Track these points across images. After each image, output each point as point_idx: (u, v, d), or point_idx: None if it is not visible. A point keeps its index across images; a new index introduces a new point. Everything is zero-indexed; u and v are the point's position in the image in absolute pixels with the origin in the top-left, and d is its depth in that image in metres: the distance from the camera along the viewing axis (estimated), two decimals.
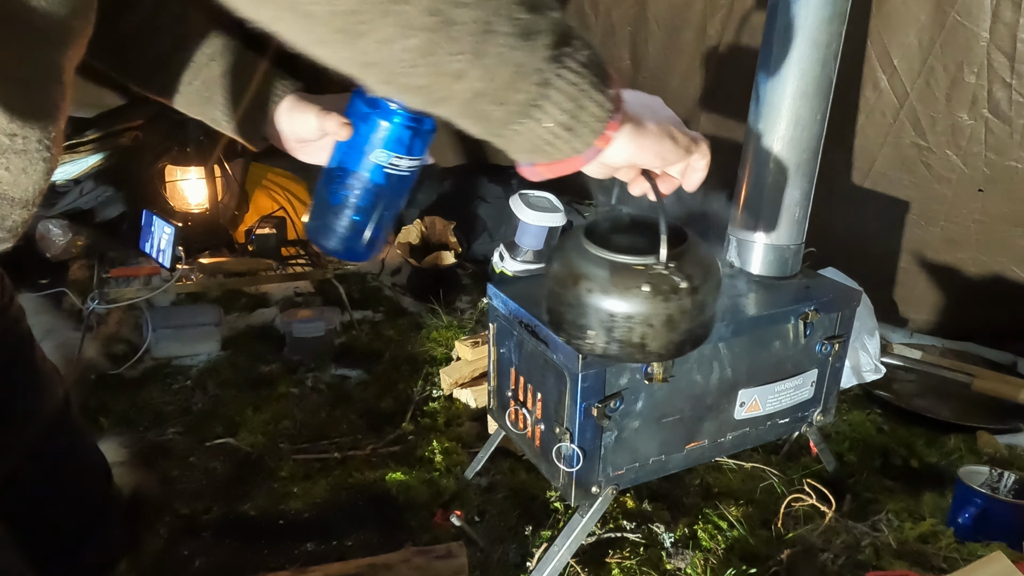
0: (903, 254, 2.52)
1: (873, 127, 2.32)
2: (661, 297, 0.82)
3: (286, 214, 3.05)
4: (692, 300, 0.83)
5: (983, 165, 2.17)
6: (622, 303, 0.83)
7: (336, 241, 0.87)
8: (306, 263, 2.68)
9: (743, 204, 1.70)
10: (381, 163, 0.83)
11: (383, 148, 0.83)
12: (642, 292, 0.82)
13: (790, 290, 1.66)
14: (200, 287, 2.54)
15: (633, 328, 0.83)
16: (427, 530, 1.69)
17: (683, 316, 0.83)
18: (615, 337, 0.84)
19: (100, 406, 2.14)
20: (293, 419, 2.14)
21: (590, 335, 0.86)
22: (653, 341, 0.84)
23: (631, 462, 1.47)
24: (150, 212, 2.58)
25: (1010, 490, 1.67)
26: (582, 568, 1.56)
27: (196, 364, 2.43)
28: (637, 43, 2.74)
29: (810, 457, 1.94)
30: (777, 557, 1.55)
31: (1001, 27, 1.95)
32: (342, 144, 0.85)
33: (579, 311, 0.86)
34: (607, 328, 0.85)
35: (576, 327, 0.87)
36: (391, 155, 0.83)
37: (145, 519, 1.52)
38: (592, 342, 0.86)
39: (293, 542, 1.68)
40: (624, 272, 0.84)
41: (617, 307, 0.83)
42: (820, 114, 1.61)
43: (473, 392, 2.15)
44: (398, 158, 0.84)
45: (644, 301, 0.82)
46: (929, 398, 2.29)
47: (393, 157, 0.84)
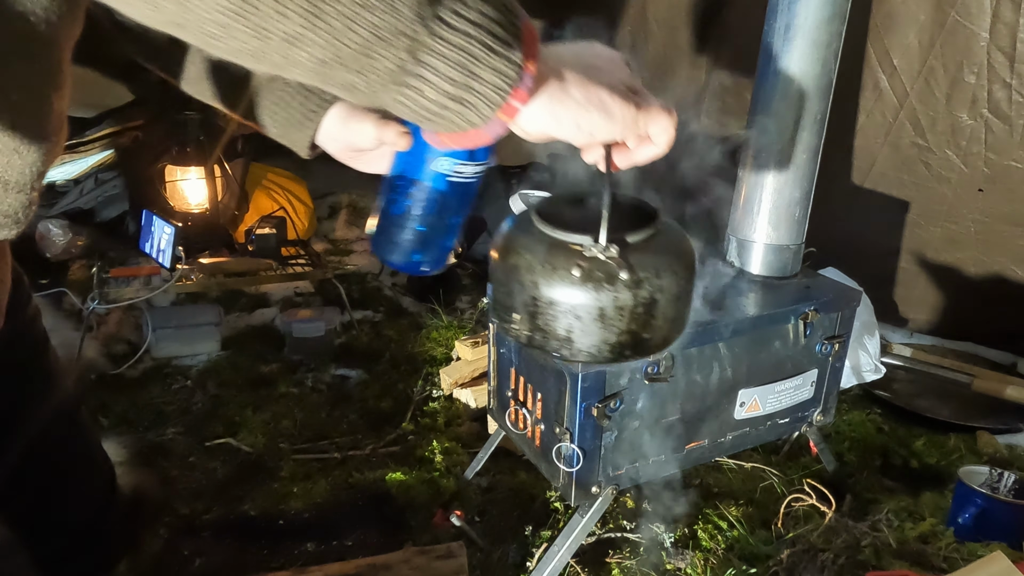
0: (903, 254, 2.52)
1: (873, 127, 2.32)
2: (592, 285, 0.69)
3: (286, 214, 3.05)
4: (634, 296, 0.70)
5: (983, 165, 2.17)
6: (547, 286, 0.71)
7: (400, 255, 0.83)
8: (306, 263, 2.68)
9: (743, 204, 1.70)
10: (444, 171, 0.78)
11: (445, 155, 0.78)
12: (570, 276, 0.70)
13: (790, 290, 1.66)
14: (200, 287, 2.54)
15: (557, 317, 0.72)
16: (427, 530, 1.69)
17: (619, 314, 0.70)
18: (539, 325, 0.73)
19: (100, 406, 2.14)
20: (293, 419, 2.14)
21: (515, 319, 0.75)
22: (581, 337, 0.72)
23: (631, 462, 1.47)
24: (150, 212, 2.58)
25: (1010, 490, 1.67)
26: (582, 568, 1.56)
27: (196, 364, 2.43)
28: (637, 43, 2.74)
29: (810, 457, 1.94)
30: (777, 557, 1.55)
31: (1001, 27, 1.95)
32: (403, 153, 0.80)
33: (507, 290, 0.75)
34: (531, 313, 0.73)
35: (503, 308, 0.77)
36: (455, 162, 0.78)
37: (145, 519, 1.52)
38: (518, 327, 0.75)
39: (293, 542, 1.68)
40: (557, 251, 0.72)
41: (542, 290, 0.71)
42: (820, 114, 1.61)
43: (473, 392, 2.15)
44: (462, 165, 0.79)
45: (571, 287, 0.70)
46: (929, 398, 2.29)
47: (457, 164, 0.78)
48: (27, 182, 0.66)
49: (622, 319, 0.71)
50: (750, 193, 1.68)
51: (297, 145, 0.85)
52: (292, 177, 3.37)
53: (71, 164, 2.88)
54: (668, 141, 0.65)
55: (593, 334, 0.72)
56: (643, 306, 0.71)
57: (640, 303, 0.71)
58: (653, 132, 0.64)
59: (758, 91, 1.63)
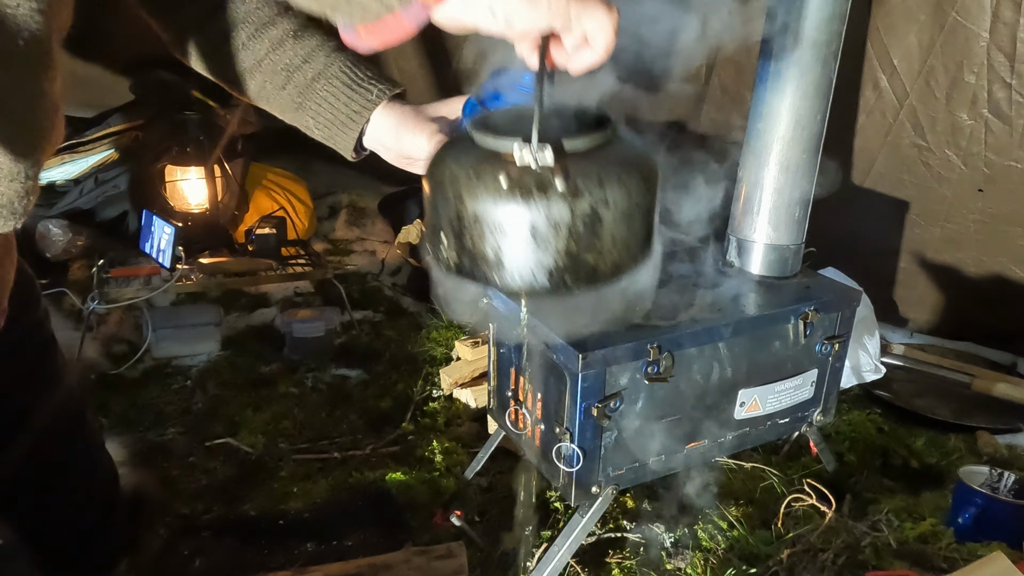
0: (903, 254, 2.52)
1: (873, 127, 2.32)
2: (521, 195, 0.60)
3: (286, 214, 3.05)
4: (571, 209, 0.60)
5: (983, 165, 2.17)
6: (471, 198, 0.62)
7: None
8: (306, 263, 2.68)
9: (743, 204, 1.70)
10: None
11: None
12: (495, 185, 0.61)
13: (790, 290, 1.66)
14: (200, 287, 2.54)
15: (484, 235, 0.62)
16: (427, 530, 1.69)
17: (554, 230, 0.60)
18: (465, 246, 0.64)
19: (100, 406, 2.14)
20: (293, 419, 2.14)
21: (443, 241, 0.66)
22: (512, 259, 0.62)
23: (631, 462, 1.47)
24: (150, 212, 2.58)
25: (1010, 490, 1.67)
26: (582, 568, 1.56)
27: (196, 364, 2.42)
28: None
29: (810, 457, 1.94)
30: (777, 557, 1.55)
31: (1001, 27, 1.94)
32: None
33: (433, 208, 0.67)
34: (457, 233, 0.64)
35: (432, 230, 0.68)
36: None
37: (145, 519, 1.52)
38: (445, 252, 0.67)
39: (293, 542, 1.68)
40: (485, 159, 0.63)
41: (466, 203, 0.62)
42: (820, 114, 1.61)
43: (473, 392, 2.15)
44: None
45: (497, 197, 0.61)
46: (929, 398, 2.29)
47: None
48: (20, 170, 0.64)
49: (557, 237, 0.61)
50: (750, 193, 1.68)
51: (342, 147, 0.84)
52: (292, 177, 3.37)
53: (71, 164, 2.88)
54: (607, 44, 0.59)
55: (525, 255, 0.62)
56: (583, 222, 0.61)
57: (580, 218, 0.61)
58: (589, 29, 0.58)
59: (758, 91, 1.63)
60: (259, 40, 0.82)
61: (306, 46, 0.82)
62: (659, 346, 1.37)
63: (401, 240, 3.06)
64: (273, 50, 0.82)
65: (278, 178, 3.28)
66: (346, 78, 0.81)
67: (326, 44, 0.83)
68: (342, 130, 0.83)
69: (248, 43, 0.82)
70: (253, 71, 0.83)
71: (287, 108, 0.84)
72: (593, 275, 0.64)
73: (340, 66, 0.82)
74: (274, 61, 0.82)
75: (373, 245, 3.45)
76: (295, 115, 0.85)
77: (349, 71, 0.82)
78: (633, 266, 0.67)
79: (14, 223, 0.68)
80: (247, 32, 0.82)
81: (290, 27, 0.82)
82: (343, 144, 0.84)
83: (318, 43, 0.82)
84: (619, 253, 0.64)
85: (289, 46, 0.82)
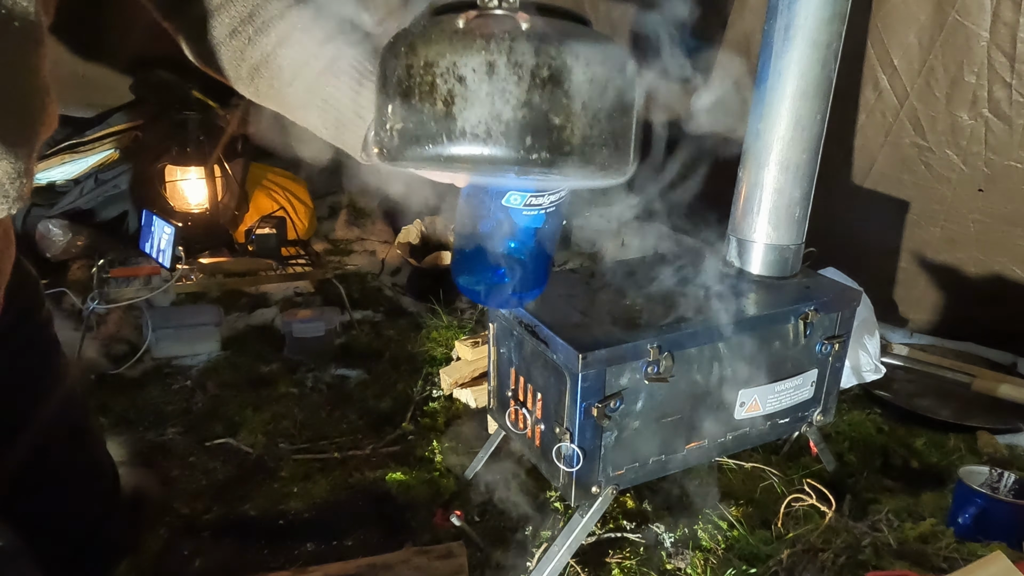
0: (903, 254, 2.52)
1: (873, 127, 2.32)
2: (480, 34, 0.53)
3: (286, 214, 3.05)
4: (538, 52, 0.53)
5: (983, 165, 2.17)
6: (423, 46, 0.55)
7: (484, 294, 0.77)
8: (306, 263, 2.68)
9: (743, 204, 1.70)
10: (515, 206, 0.70)
11: (513, 191, 0.70)
12: (453, 27, 0.55)
13: (790, 290, 1.66)
14: (200, 287, 2.54)
15: (435, 82, 0.54)
16: (427, 530, 1.69)
17: (516, 74, 0.52)
18: (413, 106, 0.55)
19: (100, 406, 2.14)
20: (293, 419, 2.14)
21: (388, 115, 0.58)
22: (465, 108, 0.53)
23: (631, 462, 1.47)
24: (150, 212, 2.58)
25: (1010, 490, 1.67)
26: (582, 568, 1.56)
27: (196, 364, 2.42)
28: None
29: (810, 457, 1.94)
30: (777, 557, 1.55)
31: (1001, 27, 1.95)
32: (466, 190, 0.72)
33: (381, 83, 0.59)
34: (404, 92, 0.56)
35: (378, 112, 0.60)
36: (526, 195, 0.70)
37: (145, 519, 1.52)
38: (390, 129, 0.58)
39: (293, 542, 1.68)
40: (443, 16, 0.57)
41: (416, 53, 0.55)
42: (820, 114, 1.61)
43: (473, 392, 2.15)
44: (535, 197, 0.71)
45: (452, 39, 0.54)
46: (929, 398, 2.29)
47: (529, 197, 0.70)
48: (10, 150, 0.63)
49: (520, 82, 0.53)
50: (750, 193, 1.68)
51: (350, 145, 0.81)
52: (292, 177, 3.37)
53: (71, 164, 2.88)
54: None
55: (481, 102, 0.53)
56: (550, 70, 0.53)
57: (546, 65, 0.53)
58: None
59: (758, 91, 1.63)
60: (265, 35, 0.80)
61: (313, 40, 0.80)
62: (659, 346, 1.37)
63: (401, 240, 3.06)
64: (279, 45, 0.80)
65: (278, 178, 3.28)
66: (355, 73, 0.79)
67: (334, 39, 0.81)
68: (349, 129, 0.80)
69: (255, 39, 0.81)
70: (260, 68, 0.82)
71: (294, 107, 0.82)
72: (559, 144, 0.54)
73: (348, 61, 0.80)
74: (280, 57, 0.80)
75: (373, 245, 3.45)
76: (302, 113, 0.83)
77: (357, 66, 0.79)
78: (605, 153, 0.56)
79: (7, 207, 0.67)
80: (254, 27, 0.81)
81: (297, 21, 0.81)
82: (351, 143, 0.81)
83: (326, 37, 0.81)
84: (591, 127, 0.55)
85: (296, 40, 0.80)
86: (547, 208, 0.72)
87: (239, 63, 0.82)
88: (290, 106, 0.83)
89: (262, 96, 0.84)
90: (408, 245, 3.04)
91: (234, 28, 0.81)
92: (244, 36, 0.81)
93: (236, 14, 0.80)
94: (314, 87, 0.80)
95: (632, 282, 1.63)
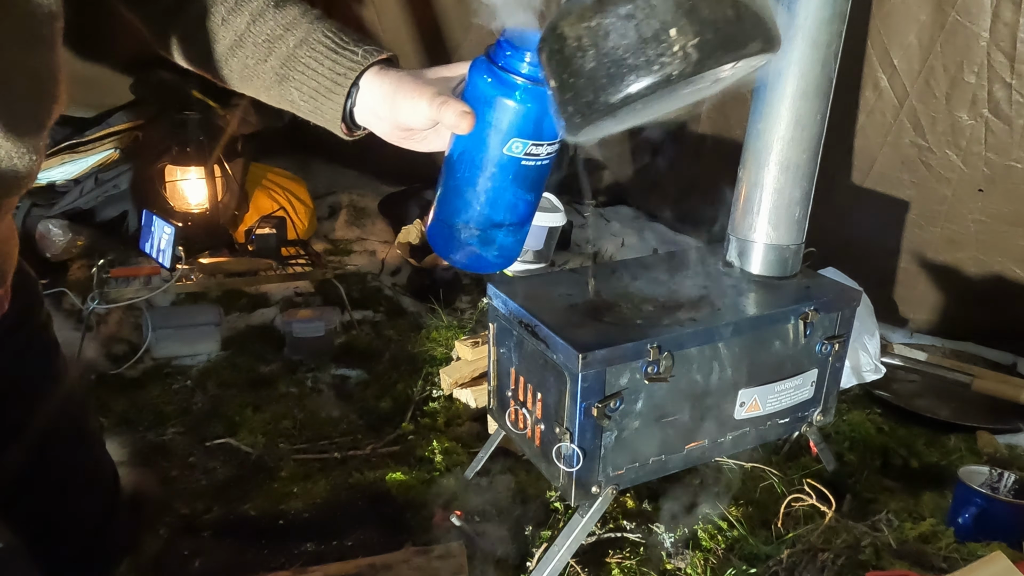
0: (903, 254, 2.52)
1: (873, 127, 2.32)
2: None
3: (286, 214, 3.05)
4: None
5: (983, 165, 2.17)
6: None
7: (467, 251, 0.74)
8: (306, 263, 2.68)
9: (743, 204, 1.70)
10: (515, 155, 0.68)
11: (518, 136, 0.67)
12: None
13: (790, 290, 1.66)
14: (200, 287, 2.54)
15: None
16: (427, 530, 1.69)
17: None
18: (704, 18, 0.56)
19: (100, 406, 2.14)
20: (293, 419, 2.14)
21: (672, 39, 0.56)
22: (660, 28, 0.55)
23: (631, 462, 1.47)
24: (150, 212, 2.58)
25: (1010, 490, 1.67)
26: (582, 568, 1.56)
27: (196, 364, 2.42)
28: None
29: (810, 457, 1.94)
30: (777, 557, 1.55)
31: (1001, 27, 1.95)
32: (463, 136, 0.70)
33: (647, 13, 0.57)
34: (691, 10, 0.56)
35: (655, 38, 0.57)
36: (528, 143, 0.68)
37: (145, 519, 1.52)
38: (680, 49, 0.56)
39: (293, 542, 1.68)
40: None
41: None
42: (820, 114, 1.61)
43: (473, 392, 2.15)
44: (536, 145, 0.68)
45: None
46: (929, 398, 2.29)
47: (530, 145, 0.68)
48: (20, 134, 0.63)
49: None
50: (750, 193, 1.68)
51: (329, 118, 0.78)
52: (292, 177, 3.37)
53: (71, 164, 2.88)
54: None
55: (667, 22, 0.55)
56: None
57: None
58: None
59: (758, 92, 1.63)
60: (238, 14, 0.79)
61: (287, 15, 0.79)
62: (659, 346, 1.37)
63: (401, 240, 3.06)
64: (253, 22, 0.78)
65: (278, 178, 3.28)
66: (330, 43, 0.77)
67: (308, 12, 0.80)
68: (328, 98, 0.77)
69: (228, 18, 0.79)
70: (234, 48, 0.80)
71: (271, 83, 0.80)
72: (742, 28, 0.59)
73: (323, 31, 0.78)
74: (255, 34, 0.78)
75: (373, 245, 3.45)
76: (280, 90, 0.80)
77: (333, 36, 0.77)
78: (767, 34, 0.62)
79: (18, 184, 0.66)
80: (226, 8, 0.79)
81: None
82: (330, 114, 0.78)
83: (300, 12, 0.79)
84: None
85: (270, 16, 0.78)
86: (543, 159, 0.71)
87: (212, 46, 0.81)
88: (265, 83, 0.81)
89: (236, 77, 0.82)
90: (408, 245, 3.04)
91: (205, 10, 0.79)
92: (216, 17, 0.79)
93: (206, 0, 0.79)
94: (290, 59, 0.78)
95: (632, 282, 1.63)
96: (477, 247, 0.75)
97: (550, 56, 0.60)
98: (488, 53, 0.69)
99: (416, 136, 0.77)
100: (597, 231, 3.50)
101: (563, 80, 0.59)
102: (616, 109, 0.58)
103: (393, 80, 0.74)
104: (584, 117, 0.59)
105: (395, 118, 0.74)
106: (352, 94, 0.76)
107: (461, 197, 0.72)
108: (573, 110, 0.60)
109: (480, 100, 0.68)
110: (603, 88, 0.57)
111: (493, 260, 0.76)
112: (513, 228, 0.75)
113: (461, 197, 0.72)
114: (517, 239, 0.77)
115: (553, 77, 0.60)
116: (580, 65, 0.58)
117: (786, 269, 1.71)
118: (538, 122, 0.68)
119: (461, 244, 0.74)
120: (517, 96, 0.66)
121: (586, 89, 0.58)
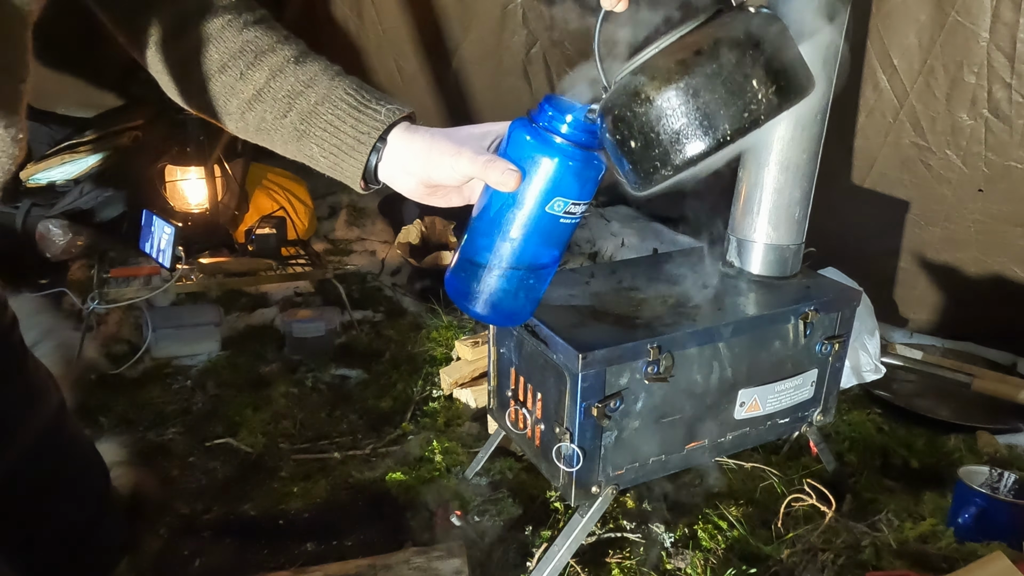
0: (903, 254, 2.52)
1: (873, 127, 2.32)
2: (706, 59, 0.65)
3: (286, 214, 3.05)
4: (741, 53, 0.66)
5: (983, 165, 2.17)
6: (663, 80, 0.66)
7: (484, 305, 0.75)
8: (306, 263, 2.68)
9: (743, 204, 1.70)
10: (555, 213, 0.69)
11: (561, 195, 0.69)
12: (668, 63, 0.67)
13: (790, 290, 1.66)
14: (200, 287, 2.54)
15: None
16: (427, 530, 1.69)
17: (744, 63, 0.66)
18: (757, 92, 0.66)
19: (100, 406, 2.14)
20: (293, 419, 2.14)
21: (755, 88, 0.66)
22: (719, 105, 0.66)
23: (631, 462, 1.47)
24: (150, 212, 2.58)
25: (1010, 490, 1.67)
26: (582, 568, 1.56)
27: (196, 364, 2.42)
28: None
29: (810, 457, 1.94)
30: (777, 557, 1.55)
31: (1001, 27, 1.94)
32: (502, 193, 0.70)
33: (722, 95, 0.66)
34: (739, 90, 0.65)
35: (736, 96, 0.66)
36: (569, 202, 0.69)
37: (145, 519, 1.52)
38: (762, 96, 0.67)
39: (293, 542, 1.68)
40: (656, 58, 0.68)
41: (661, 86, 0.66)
42: (820, 114, 1.61)
43: (473, 392, 2.15)
44: (575, 204, 0.70)
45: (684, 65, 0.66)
46: (929, 398, 2.29)
47: (571, 204, 0.70)
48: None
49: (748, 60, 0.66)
50: (750, 193, 1.68)
51: (349, 174, 0.79)
52: (292, 177, 3.36)
53: (71, 164, 2.88)
54: None
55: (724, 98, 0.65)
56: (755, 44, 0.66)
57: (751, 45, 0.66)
58: None
59: None
60: (258, 69, 0.79)
61: (308, 70, 0.79)
62: (659, 346, 1.37)
63: (401, 240, 3.06)
64: (273, 77, 0.79)
65: (278, 178, 3.28)
66: (353, 100, 0.77)
67: (329, 69, 0.80)
68: (349, 155, 0.78)
69: (247, 72, 0.79)
70: (253, 103, 0.79)
71: (289, 138, 0.80)
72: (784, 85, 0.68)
73: (345, 89, 0.78)
74: (275, 89, 0.79)
75: (373, 245, 3.45)
76: (298, 145, 0.80)
77: (355, 93, 0.78)
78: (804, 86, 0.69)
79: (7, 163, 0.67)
80: (245, 62, 0.79)
81: (291, 53, 0.79)
82: (351, 171, 0.78)
83: (321, 68, 0.79)
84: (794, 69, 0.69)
85: (290, 72, 0.78)
86: (577, 217, 0.73)
87: (228, 98, 0.80)
88: (283, 138, 0.81)
89: (252, 130, 0.82)
90: (408, 245, 3.04)
91: (223, 63, 0.79)
92: (235, 71, 0.79)
93: (225, 50, 0.79)
94: (311, 116, 0.78)
95: (632, 282, 1.63)
96: (499, 300, 0.76)
97: (632, 119, 0.67)
98: (531, 115, 0.71)
99: (439, 192, 0.79)
100: (596, 231, 3.50)
101: (648, 139, 0.66)
102: (708, 155, 0.66)
103: (426, 138, 0.75)
104: (675, 169, 0.67)
105: (427, 174, 0.75)
106: (379, 149, 0.77)
107: (493, 251, 0.73)
108: (659, 165, 0.67)
109: (525, 159, 0.69)
110: (697, 138, 0.65)
111: (513, 313, 0.78)
112: (537, 283, 0.77)
113: (493, 251, 0.73)
114: (539, 294, 0.78)
115: (634, 138, 0.67)
116: (668, 124, 0.66)
117: (786, 269, 1.71)
118: (582, 182, 0.70)
119: (483, 296, 0.76)
120: (567, 157, 0.69)
121: (674, 144, 0.66)
